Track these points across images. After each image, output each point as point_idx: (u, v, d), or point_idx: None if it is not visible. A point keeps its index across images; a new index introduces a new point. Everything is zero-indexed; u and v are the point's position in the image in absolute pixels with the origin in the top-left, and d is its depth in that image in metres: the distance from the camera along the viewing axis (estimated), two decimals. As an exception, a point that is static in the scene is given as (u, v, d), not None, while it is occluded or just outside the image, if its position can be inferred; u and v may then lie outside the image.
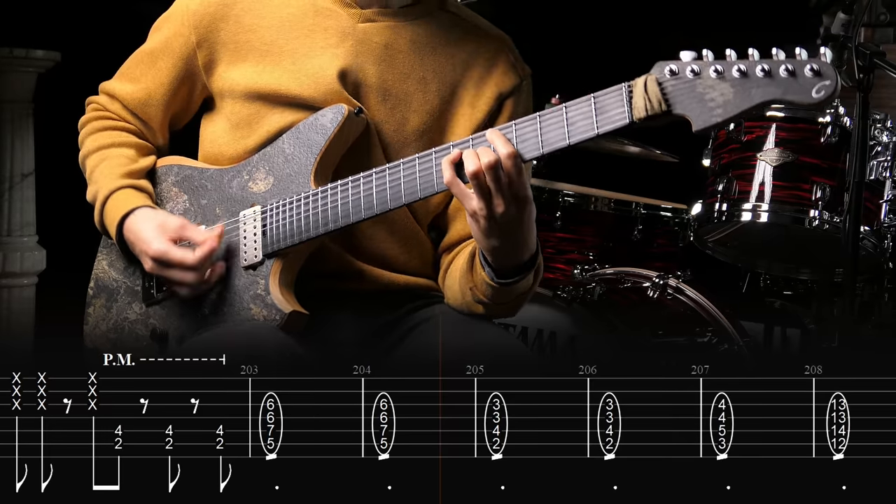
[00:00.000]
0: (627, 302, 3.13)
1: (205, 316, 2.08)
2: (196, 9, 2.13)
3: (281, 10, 2.11)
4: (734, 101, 1.71)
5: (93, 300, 2.22)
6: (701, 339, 3.05)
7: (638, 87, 1.76)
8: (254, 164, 2.10)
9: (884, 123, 2.92)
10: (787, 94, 1.69)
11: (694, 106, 1.73)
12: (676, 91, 1.74)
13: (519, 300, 2.05)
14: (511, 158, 1.82)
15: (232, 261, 2.08)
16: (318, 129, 2.04)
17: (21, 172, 3.65)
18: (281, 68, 2.08)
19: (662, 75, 1.75)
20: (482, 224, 1.87)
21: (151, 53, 2.19)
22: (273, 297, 2.02)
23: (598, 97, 1.80)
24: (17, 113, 3.63)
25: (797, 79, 1.68)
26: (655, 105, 1.75)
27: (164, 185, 2.19)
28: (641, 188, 3.54)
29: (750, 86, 1.70)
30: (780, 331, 3.74)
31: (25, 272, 3.64)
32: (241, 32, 2.11)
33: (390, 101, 2.08)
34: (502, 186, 1.83)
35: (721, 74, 1.72)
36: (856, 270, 2.60)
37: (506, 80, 2.13)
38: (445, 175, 1.86)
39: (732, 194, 2.97)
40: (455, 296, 2.10)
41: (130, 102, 2.21)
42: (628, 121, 1.77)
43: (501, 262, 1.95)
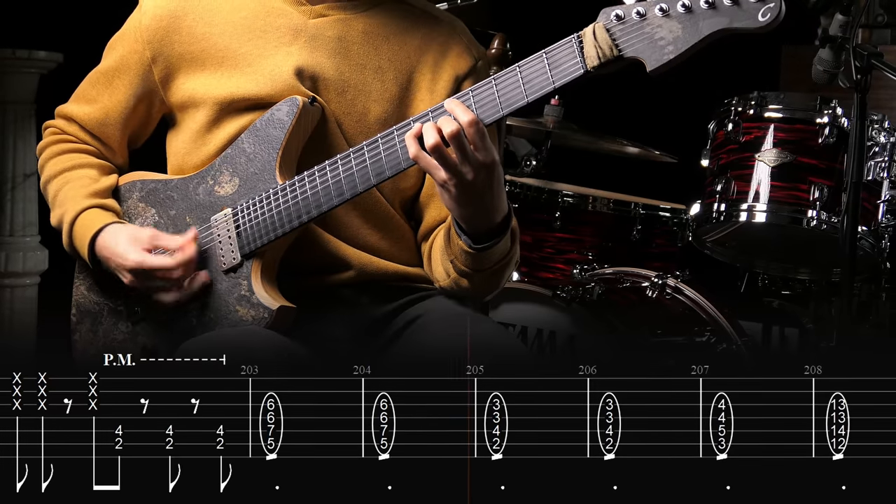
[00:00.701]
0: (626, 301, 3.12)
1: (192, 325, 2.06)
2: (148, 24, 2.12)
3: (232, 16, 2.10)
4: (683, 36, 1.73)
5: (77, 326, 2.19)
6: (699, 339, 3.05)
7: (587, 37, 1.78)
8: (217, 167, 2.09)
9: (881, 124, 2.90)
10: (733, 22, 1.71)
11: (645, 47, 1.75)
12: (625, 35, 1.76)
13: (501, 267, 2.03)
14: (473, 125, 1.83)
15: (211, 266, 2.06)
16: (276, 124, 2.02)
17: (23, 173, 3.64)
18: (238, 72, 2.07)
19: (609, 21, 1.77)
20: (453, 192, 1.88)
21: (107, 73, 2.18)
22: (258, 295, 2.01)
23: (549, 52, 1.81)
24: (19, 114, 3.63)
25: (741, 6, 1.70)
26: (607, 51, 1.77)
27: (129, 201, 2.17)
28: (640, 189, 3.53)
29: (696, 19, 1.72)
30: (778, 330, 3.73)
31: (28, 272, 3.63)
32: (195, 42, 2.10)
33: (349, 93, 2.08)
34: (468, 154, 1.84)
35: (666, 13, 1.74)
36: (853, 270, 2.58)
37: (461, 63, 2.13)
38: (410, 150, 1.87)
39: (731, 195, 2.95)
40: (441, 276, 2.10)
41: (88, 123, 2.20)
42: (583, 70, 1.79)
43: (475, 226, 1.96)
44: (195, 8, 2.11)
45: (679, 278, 3.17)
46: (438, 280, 2.12)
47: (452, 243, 2.02)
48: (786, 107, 2.95)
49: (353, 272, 2.10)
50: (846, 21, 2.60)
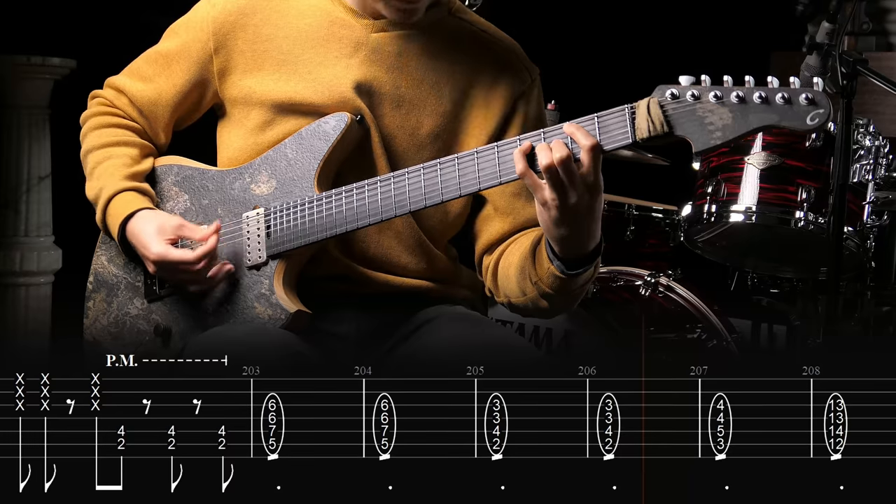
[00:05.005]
0: (620, 299, 3.09)
1: (208, 313, 2.02)
2: (216, 16, 2.07)
3: (298, 21, 2.05)
4: (733, 125, 1.71)
5: (92, 294, 2.15)
6: (691, 336, 3.01)
7: (641, 109, 1.76)
8: (256, 167, 2.05)
9: (866, 128, 2.87)
10: (783, 120, 1.69)
11: (694, 129, 1.73)
12: (677, 114, 1.74)
13: (582, 289, 1.96)
14: (594, 149, 1.76)
15: (236, 261, 2.02)
16: (322, 136, 1.99)
17: (38, 175, 3.60)
18: (297, 77, 2.03)
19: (664, 98, 1.75)
20: (553, 213, 1.80)
21: (167, 55, 2.12)
22: (278, 296, 1.97)
23: (601, 117, 1.79)
24: (34, 118, 3.58)
25: (793, 106, 1.69)
26: (658, 127, 1.74)
27: (163, 184, 2.13)
28: (633, 190, 3.51)
29: (747, 111, 1.71)
30: (766, 327, 3.71)
31: (42, 271, 3.59)
32: (259, 42, 2.05)
33: (404, 107, 2.03)
34: (575, 178, 1.77)
35: (720, 99, 1.72)
36: (839, 269, 2.54)
37: (516, 82, 2.07)
38: (518, 167, 1.80)
39: (721, 196, 2.92)
40: (514, 294, 2.00)
41: (139, 100, 2.14)
42: (631, 141, 1.76)
43: (569, 251, 1.87)
44: (264, 9, 2.07)
45: (671, 277, 3.14)
46: (509, 297, 2.02)
47: (540, 265, 1.93)
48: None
49: (366, 287, 2.05)
50: (832, 29, 2.60)
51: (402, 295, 2.06)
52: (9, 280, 3.54)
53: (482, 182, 1.85)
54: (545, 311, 1.99)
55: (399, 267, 2.05)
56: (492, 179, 1.85)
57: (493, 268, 2.06)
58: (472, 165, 1.85)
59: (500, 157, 1.84)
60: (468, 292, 2.16)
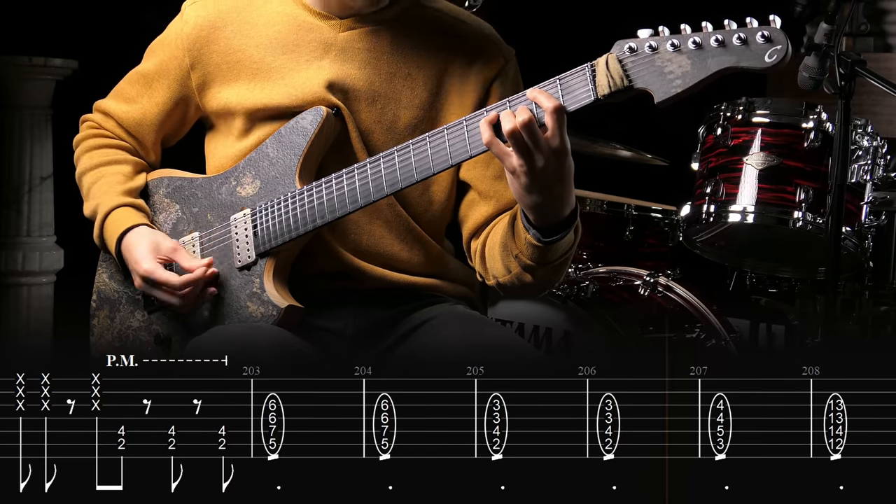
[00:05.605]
0: (619, 299, 3.08)
1: (204, 317, 2.04)
2: (189, 32, 2.09)
3: (267, 30, 2.06)
4: (692, 71, 1.71)
5: (96, 312, 2.18)
6: (689, 335, 3.00)
7: (600, 66, 1.76)
8: (240, 170, 2.07)
9: (864, 129, 2.86)
10: (741, 61, 1.68)
11: (654, 80, 1.73)
12: (637, 67, 1.74)
13: (564, 259, 1.95)
14: (557, 111, 1.76)
15: (226, 263, 2.03)
16: (299, 132, 2.01)
17: (40, 175, 3.61)
18: (271, 84, 2.04)
19: (622, 53, 1.75)
20: (523, 180, 1.79)
21: (147, 75, 2.15)
22: (269, 293, 1.98)
23: (562, 78, 1.79)
24: (36, 119, 3.58)
25: (749, 46, 1.68)
26: (618, 81, 1.75)
27: (155, 197, 2.16)
28: (633, 191, 3.51)
29: (705, 56, 1.70)
30: (765, 327, 3.72)
31: (44, 271, 3.59)
32: (231, 53, 2.07)
33: (379, 102, 2.03)
34: (539, 141, 1.76)
35: (677, 48, 1.72)
36: (838, 269, 2.53)
37: (490, 66, 2.06)
38: (484, 136, 1.79)
39: (720, 196, 2.90)
40: (500, 272, 1.99)
41: (125, 121, 2.18)
42: (593, 98, 1.77)
43: (544, 218, 1.86)
44: (233, 20, 2.08)
45: (670, 277, 3.14)
46: (497, 277, 2.01)
47: (518, 237, 1.92)
48: (773, 112, 2.91)
49: (364, 282, 2.05)
50: (830, 30, 2.58)
51: (399, 291, 2.06)
52: (11, 280, 3.54)
53: (453, 157, 1.85)
54: (530, 286, 1.97)
55: (393, 258, 2.05)
56: (462, 154, 1.84)
57: (480, 250, 2.06)
58: (442, 142, 1.85)
59: (468, 131, 1.83)
60: (466, 290, 2.15)
